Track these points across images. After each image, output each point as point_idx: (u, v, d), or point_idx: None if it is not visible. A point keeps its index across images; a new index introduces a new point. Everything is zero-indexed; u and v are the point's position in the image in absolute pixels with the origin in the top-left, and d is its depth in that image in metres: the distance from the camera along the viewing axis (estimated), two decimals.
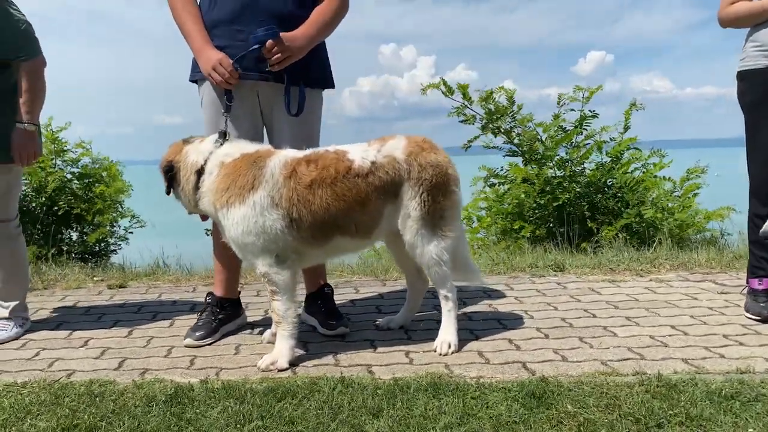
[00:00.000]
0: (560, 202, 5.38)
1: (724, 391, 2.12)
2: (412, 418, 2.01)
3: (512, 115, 5.73)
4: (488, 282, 3.84)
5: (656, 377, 2.23)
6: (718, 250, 4.60)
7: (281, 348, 2.52)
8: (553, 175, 5.59)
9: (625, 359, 2.49)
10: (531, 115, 5.62)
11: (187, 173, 2.55)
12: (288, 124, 2.77)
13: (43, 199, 5.48)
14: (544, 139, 5.69)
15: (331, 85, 2.93)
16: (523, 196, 5.66)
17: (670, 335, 2.76)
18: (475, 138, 5.95)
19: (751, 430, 1.90)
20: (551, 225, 5.61)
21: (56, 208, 5.50)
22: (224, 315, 2.90)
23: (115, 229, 5.82)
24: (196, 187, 2.54)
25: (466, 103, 5.78)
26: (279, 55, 2.59)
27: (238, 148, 2.57)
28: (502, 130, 5.79)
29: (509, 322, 3.03)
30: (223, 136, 2.60)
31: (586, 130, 5.76)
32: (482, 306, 3.34)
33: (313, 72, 2.78)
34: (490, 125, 5.78)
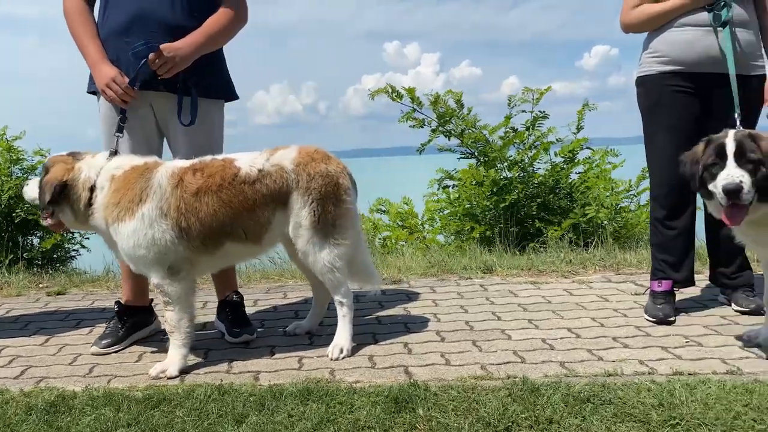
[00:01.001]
0: (507, 203, 5.44)
1: (582, 394, 2.17)
2: (271, 424, 2.08)
3: (462, 118, 5.79)
4: (415, 285, 3.91)
5: (522, 381, 2.29)
6: None
7: (173, 356, 2.60)
8: (504, 176, 5.65)
9: (505, 363, 2.55)
10: (477, 116, 5.67)
11: (79, 190, 2.61)
12: (184, 134, 2.85)
13: (1, 206, 5.58)
14: (492, 140, 5.75)
15: (229, 97, 3.00)
16: (473, 197, 5.73)
17: (562, 338, 2.82)
18: (429, 141, 6.02)
19: None
20: (502, 226, 5.68)
21: (14, 215, 5.59)
22: (132, 323, 2.98)
23: (75, 235, 5.90)
24: (89, 204, 2.61)
25: (415, 107, 5.84)
26: (162, 66, 2.67)
27: (127, 161, 2.64)
28: (454, 133, 5.85)
29: (414, 325, 3.09)
30: (114, 154, 2.68)
31: (539, 130, 5.83)
32: (397, 309, 3.41)
33: (207, 81, 2.86)
34: (440, 128, 5.85)
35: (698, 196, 3.11)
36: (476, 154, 5.89)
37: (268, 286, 4.06)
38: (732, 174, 2.30)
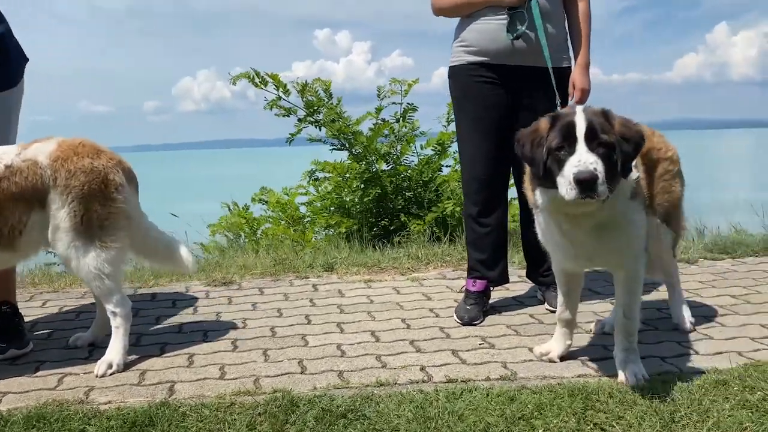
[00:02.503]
0: (371, 197, 5.31)
1: (340, 409, 2.02)
2: None
3: (330, 108, 5.59)
4: (246, 287, 3.69)
5: (283, 396, 2.12)
6: (512, 245, 4.60)
7: None
8: (371, 169, 5.49)
9: (283, 374, 2.37)
10: (342, 107, 5.49)
11: None
12: None
13: None
14: (362, 132, 5.59)
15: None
16: (342, 190, 5.57)
17: (359, 342, 2.68)
18: (298, 132, 5.77)
19: None
20: (372, 220, 5.55)
21: None
22: None
23: None
24: None
25: (281, 94, 5.57)
26: None
27: None
28: (322, 123, 5.64)
29: (215, 333, 2.88)
30: None
31: (409, 123, 5.72)
32: (209, 315, 3.18)
33: None
34: (308, 118, 5.63)
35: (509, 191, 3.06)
36: (347, 146, 5.71)
37: (83, 291, 3.73)
38: (584, 160, 1.86)
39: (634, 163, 2.13)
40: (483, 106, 2.87)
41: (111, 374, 2.42)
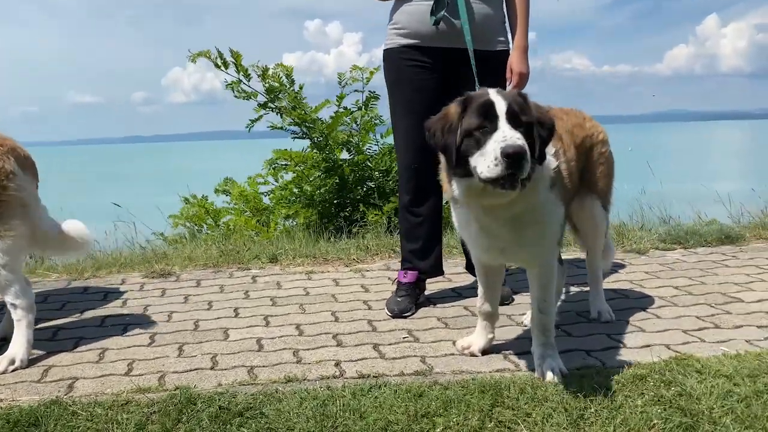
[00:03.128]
0: (328, 187, 5.19)
1: (239, 407, 1.93)
2: None
3: (291, 94, 5.44)
4: (185, 278, 3.58)
5: (182, 392, 2.01)
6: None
7: None
8: (331, 158, 5.37)
9: (192, 370, 2.27)
10: (300, 93, 5.35)
11: None
12: None
13: None
14: (323, 119, 5.46)
15: None
16: (300, 180, 5.45)
17: (281, 336, 2.58)
18: (259, 118, 5.63)
19: None
20: (333, 210, 5.44)
21: None
22: None
23: None
24: None
25: (242, 77, 5.40)
26: None
27: None
28: (281, 109, 5.49)
29: (137, 326, 2.77)
30: None
31: (374, 110, 5.59)
32: (137, 308, 3.06)
33: None
34: (270, 104, 5.48)
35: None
36: (308, 133, 5.58)
37: None
38: (510, 135, 1.73)
39: (553, 152, 2.04)
40: (415, 90, 2.76)
41: (13, 370, 2.31)
